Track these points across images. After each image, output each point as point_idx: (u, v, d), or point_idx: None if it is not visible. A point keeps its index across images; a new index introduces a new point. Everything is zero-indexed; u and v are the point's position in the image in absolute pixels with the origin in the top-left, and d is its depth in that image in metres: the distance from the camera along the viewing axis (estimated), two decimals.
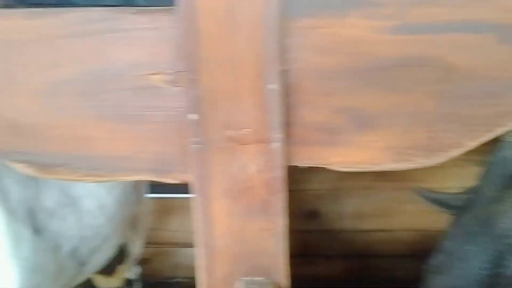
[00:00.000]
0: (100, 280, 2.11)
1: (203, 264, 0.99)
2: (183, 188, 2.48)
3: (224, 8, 0.89)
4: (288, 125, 0.94)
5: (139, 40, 0.91)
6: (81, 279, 1.72)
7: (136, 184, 1.95)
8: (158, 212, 2.37)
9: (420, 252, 2.92)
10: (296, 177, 2.65)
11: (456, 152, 0.94)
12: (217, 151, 0.95)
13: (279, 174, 0.95)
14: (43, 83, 0.93)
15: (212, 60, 0.91)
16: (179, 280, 2.65)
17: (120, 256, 1.99)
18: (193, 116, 0.92)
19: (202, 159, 0.95)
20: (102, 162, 0.97)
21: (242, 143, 0.94)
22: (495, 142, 1.52)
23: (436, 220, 2.73)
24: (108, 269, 1.99)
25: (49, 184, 1.45)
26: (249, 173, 0.96)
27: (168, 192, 2.54)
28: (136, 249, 2.16)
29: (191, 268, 2.66)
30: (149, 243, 2.30)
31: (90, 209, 1.58)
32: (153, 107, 0.94)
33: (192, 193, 0.98)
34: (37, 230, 1.38)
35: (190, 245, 2.70)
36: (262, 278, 1.00)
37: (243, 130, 0.94)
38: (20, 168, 0.96)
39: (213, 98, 0.92)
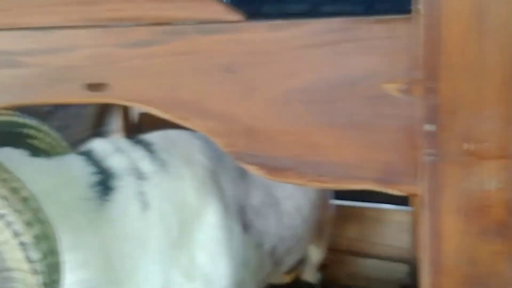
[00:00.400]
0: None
1: (428, 281, 0.94)
2: (363, 196, 2.42)
3: (471, 14, 0.83)
4: None
5: (375, 49, 0.91)
6: (273, 278, 1.79)
7: (324, 190, 1.97)
8: (338, 219, 2.37)
9: None
10: None
11: None
12: (452, 165, 0.89)
13: None
14: (279, 91, 0.98)
15: (453, 68, 0.86)
16: None
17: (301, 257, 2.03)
18: (429, 127, 0.88)
19: (435, 172, 0.90)
20: (328, 168, 0.98)
21: (481, 157, 0.87)
22: None
23: None
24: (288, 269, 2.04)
25: (256, 184, 1.55)
26: (487, 190, 0.88)
27: (349, 199, 2.53)
28: (320, 254, 2.19)
29: (368, 279, 2.60)
30: (327, 249, 2.31)
31: (289, 210, 1.64)
32: (384, 116, 0.93)
33: (418, 207, 0.94)
34: (245, 227, 1.47)
35: (368, 255, 2.67)
36: None
37: (484, 143, 0.87)
38: (253, 169, 1.03)
39: (452, 108, 0.87)
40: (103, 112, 2.32)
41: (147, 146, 1.34)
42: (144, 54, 1.00)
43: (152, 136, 1.42)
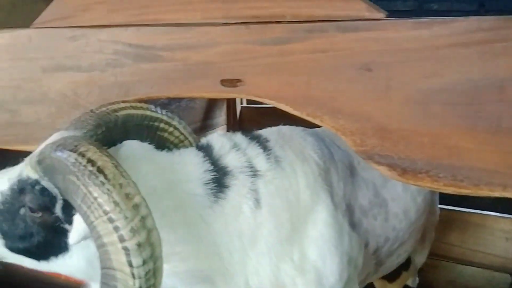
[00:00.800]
0: (381, 284, 2.13)
1: None
2: (466, 201, 2.29)
3: None
4: None
5: None
6: (372, 279, 1.76)
7: (433, 194, 1.90)
8: (439, 223, 2.28)
9: None
10: None
11: None
12: None
13: None
14: (418, 91, 0.95)
15: None
16: None
17: (406, 263, 1.97)
18: None
19: None
20: (466, 173, 0.95)
21: None
22: None
23: None
24: (392, 275, 1.99)
25: (365, 184, 1.52)
26: None
27: (451, 204, 2.42)
28: (421, 258, 2.12)
29: (466, 287, 2.47)
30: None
31: (396, 212, 1.60)
32: None
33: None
34: (352, 225, 1.45)
35: (467, 263, 2.54)
36: None
37: None
38: (383, 170, 1.01)
39: None
40: (210, 105, 2.40)
41: (263, 143, 1.36)
42: (282, 51, 1.02)
43: (268, 132, 1.43)
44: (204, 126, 2.37)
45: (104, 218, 0.89)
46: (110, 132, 1.13)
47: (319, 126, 1.27)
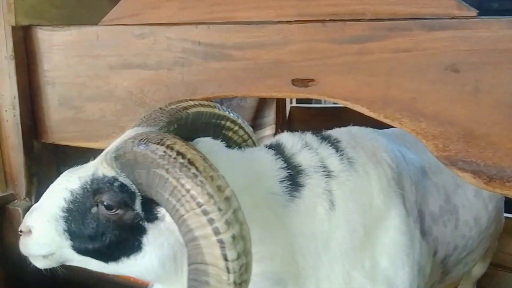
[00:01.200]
0: None
1: None
2: None
3: None
4: None
5: None
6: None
7: (501, 201, 1.80)
8: None
9: None
10: None
11: None
12: None
13: None
14: (510, 94, 0.89)
15: None
16: None
17: None
18: None
19: None
20: None
21: None
22: None
23: None
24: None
25: (436, 189, 1.45)
26: None
27: (509, 211, 2.29)
28: (483, 268, 2.03)
29: None
30: None
31: (466, 219, 1.52)
32: None
33: None
34: (423, 233, 1.39)
35: None
36: None
37: None
38: (467, 177, 0.95)
39: None
40: (260, 105, 2.37)
41: (334, 143, 1.31)
42: (360, 50, 0.97)
43: (338, 133, 1.38)
44: (253, 125, 2.35)
45: (197, 211, 0.85)
46: (181, 129, 1.10)
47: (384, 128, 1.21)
